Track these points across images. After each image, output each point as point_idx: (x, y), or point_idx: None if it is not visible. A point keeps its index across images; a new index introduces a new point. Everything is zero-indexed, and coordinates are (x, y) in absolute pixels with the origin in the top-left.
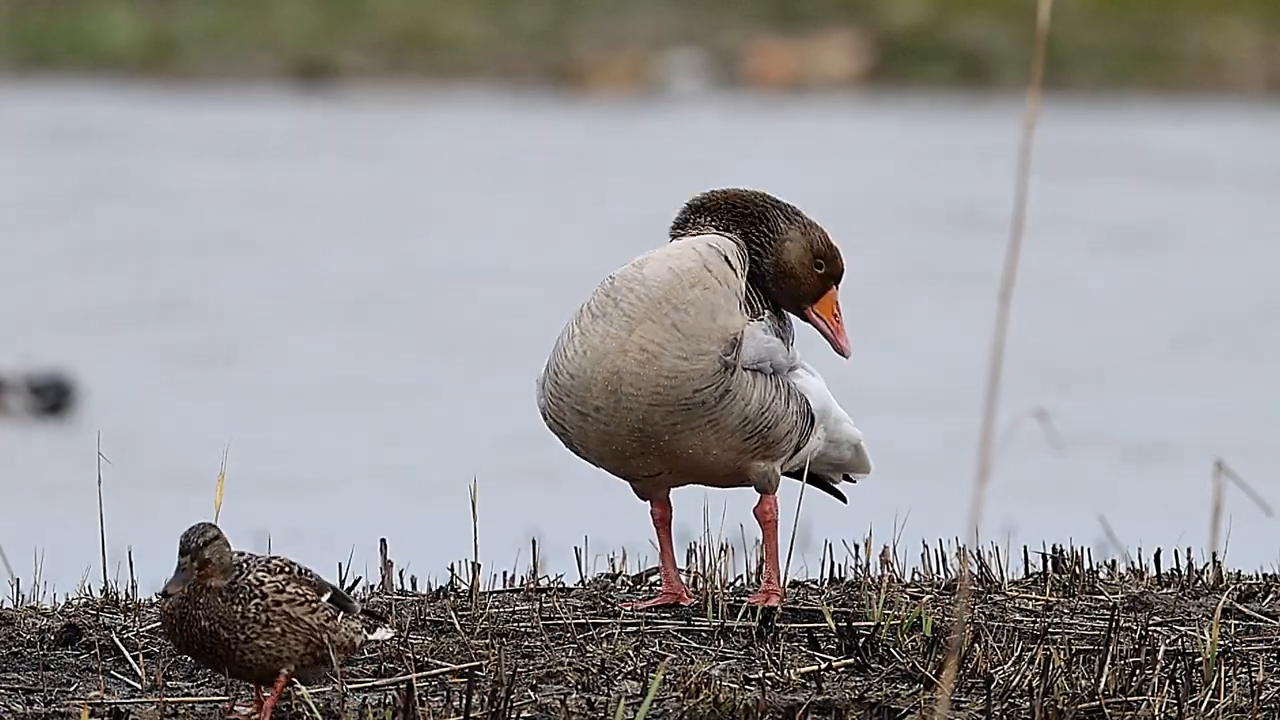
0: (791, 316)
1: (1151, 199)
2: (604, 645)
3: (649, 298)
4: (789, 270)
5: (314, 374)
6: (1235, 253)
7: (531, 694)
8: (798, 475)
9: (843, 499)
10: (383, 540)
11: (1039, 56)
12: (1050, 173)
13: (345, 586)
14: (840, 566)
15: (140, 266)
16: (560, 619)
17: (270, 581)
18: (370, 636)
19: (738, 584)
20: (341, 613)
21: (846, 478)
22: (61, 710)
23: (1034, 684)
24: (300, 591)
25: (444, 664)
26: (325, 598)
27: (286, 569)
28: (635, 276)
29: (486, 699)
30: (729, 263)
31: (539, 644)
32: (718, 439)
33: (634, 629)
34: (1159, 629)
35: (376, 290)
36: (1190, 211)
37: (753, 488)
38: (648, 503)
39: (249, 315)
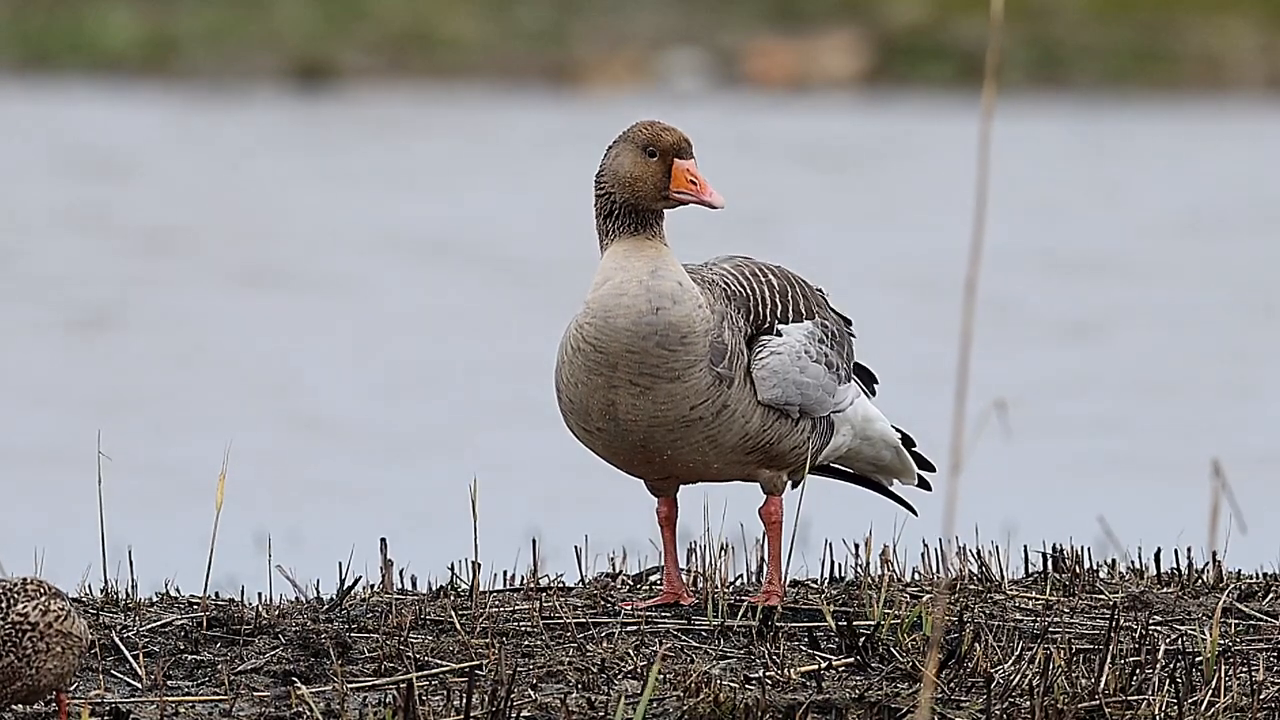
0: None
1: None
2: (604, 644)
3: (627, 326)
4: (631, 177)
5: (312, 374)
6: None
7: (532, 693)
8: (848, 478)
9: (912, 510)
10: (383, 540)
11: (994, 46)
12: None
13: (345, 586)
14: (840, 566)
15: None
16: (560, 618)
17: (35, 608)
18: None
19: (738, 583)
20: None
21: (893, 496)
22: None
23: (1034, 683)
24: (62, 607)
25: (444, 663)
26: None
27: (38, 588)
28: (608, 307)
29: (486, 698)
30: (674, 262)
31: (539, 643)
32: (717, 454)
33: (634, 628)
34: (1159, 628)
35: (377, 280)
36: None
37: (759, 488)
38: (656, 499)
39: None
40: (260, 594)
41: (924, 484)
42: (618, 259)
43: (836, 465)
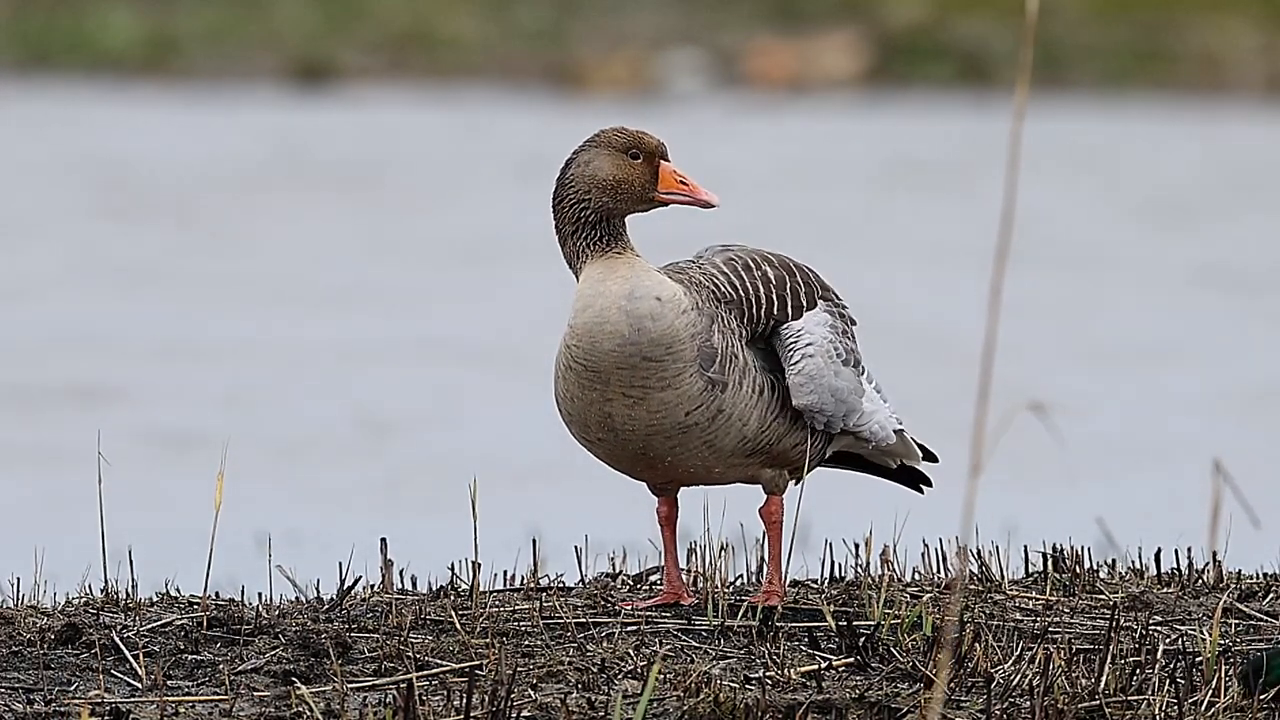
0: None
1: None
2: (604, 644)
3: (612, 349)
4: (614, 181)
5: (312, 374)
6: None
7: (532, 693)
8: (852, 464)
9: (919, 490)
10: (383, 540)
11: (1027, 46)
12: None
13: (345, 586)
14: (840, 566)
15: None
16: (560, 618)
17: None
18: None
19: (738, 583)
20: None
21: (905, 476)
22: (62, 709)
23: (1034, 683)
24: None
25: (444, 663)
26: None
27: None
28: (593, 334)
29: (487, 698)
30: (653, 268)
31: (539, 643)
32: (717, 458)
33: (634, 628)
34: (1159, 628)
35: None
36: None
37: (761, 487)
38: (657, 498)
39: (258, 310)
40: (260, 594)
41: (924, 478)
42: (593, 284)
43: (845, 451)
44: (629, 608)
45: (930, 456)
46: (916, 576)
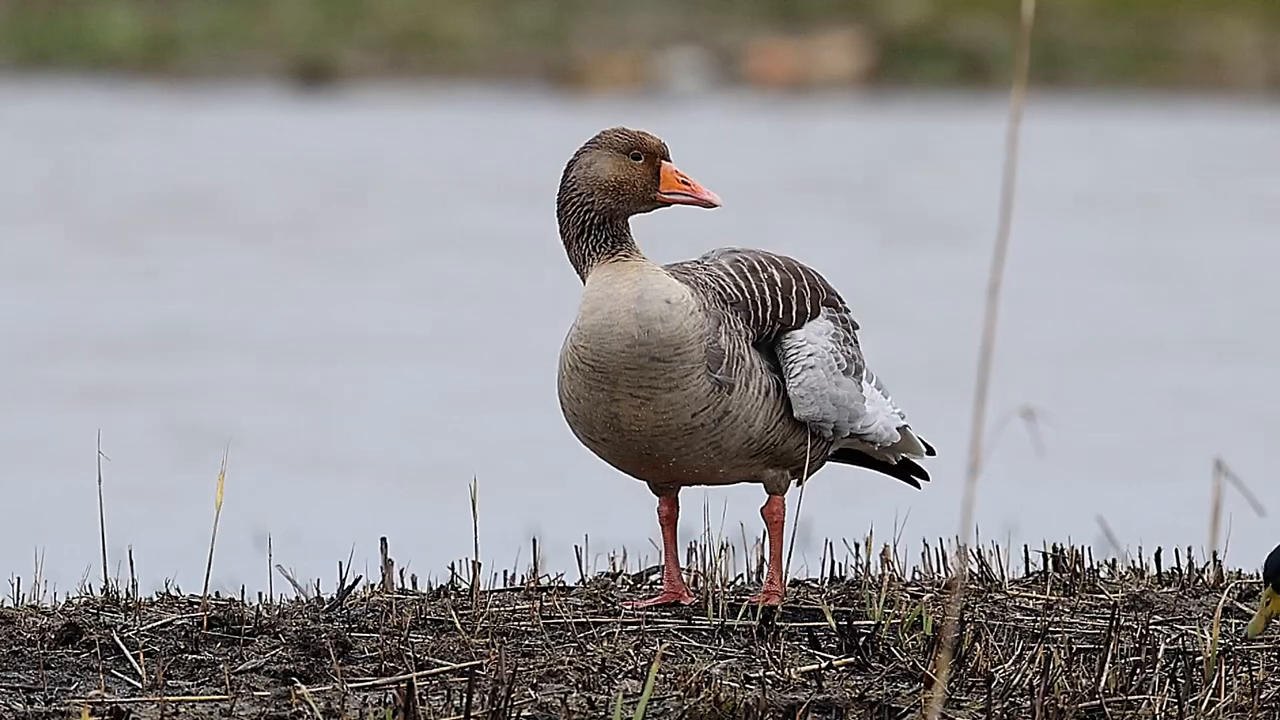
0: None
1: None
2: (604, 644)
3: (621, 350)
4: (615, 183)
5: (312, 371)
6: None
7: (532, 693)
8: (853, 461)
9: (916, 485)
10: (383, 539)
11: (1024, 47)
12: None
13: (345, 586)
14: (841, 565)
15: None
16: (561, 618)
17: None
18: None
19: (738, 583)
20: None
21: (909, 469)
22: (62, 709)
23: (1034, 683)
24: None
25: (444, 663)
26: None
27: None
28: (601, 336)
29: (487, 698)
30: (661, 270)
31: (539, 643)
32: (722, 459)
33: (634, 628)
34: (1159, 628)
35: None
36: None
37: (762, 487)
38: (658, 497)
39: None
40: (260, 594)
41: (922, 472)
42: (602, 286)
43: (847, 448)
44: (629, 607)
45: (928, 450)
46: (917, 576)
